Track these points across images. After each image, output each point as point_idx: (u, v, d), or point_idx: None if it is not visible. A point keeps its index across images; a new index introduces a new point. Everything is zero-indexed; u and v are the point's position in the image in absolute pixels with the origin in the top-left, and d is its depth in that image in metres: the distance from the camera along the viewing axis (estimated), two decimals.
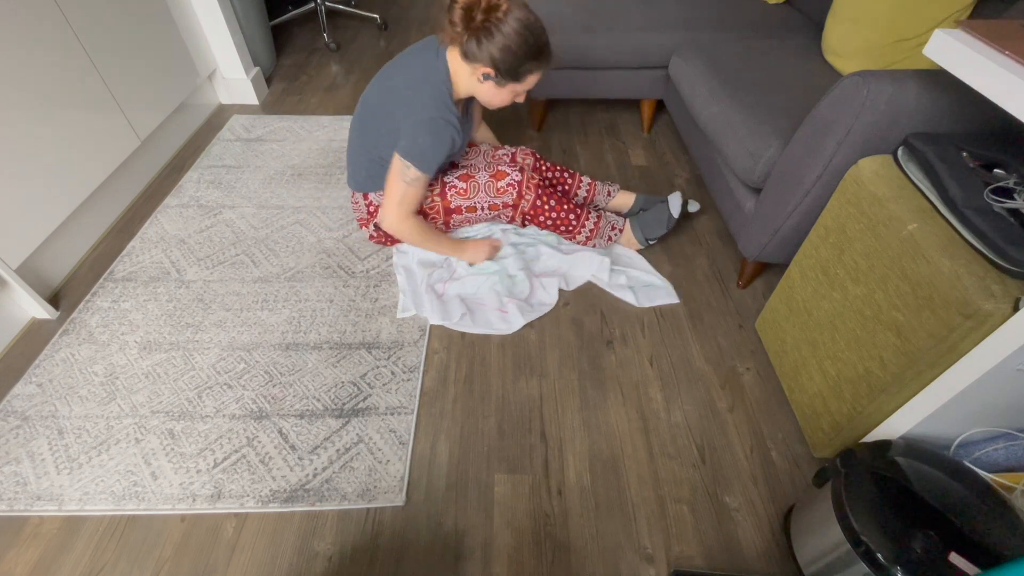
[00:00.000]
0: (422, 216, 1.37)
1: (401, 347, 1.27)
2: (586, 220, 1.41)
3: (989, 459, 0.88)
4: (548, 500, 1.03)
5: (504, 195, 1.35)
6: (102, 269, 1.45)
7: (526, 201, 1.36)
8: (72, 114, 1.38)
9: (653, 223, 1.44)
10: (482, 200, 1.35)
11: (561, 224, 1.40)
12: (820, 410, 1.05)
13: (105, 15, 1.49)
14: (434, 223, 1.40)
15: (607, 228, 1.44)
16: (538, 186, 1.36)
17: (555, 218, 1.39)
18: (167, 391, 1.17)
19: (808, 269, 1.08)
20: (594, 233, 1.42)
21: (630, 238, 1.47)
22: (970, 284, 0.74)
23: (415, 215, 1.30)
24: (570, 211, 1.39)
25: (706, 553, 0.97)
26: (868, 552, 0.73)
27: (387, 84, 1.23)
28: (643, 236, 1.45)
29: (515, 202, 1.36)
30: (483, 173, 1.35)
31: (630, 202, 1.58)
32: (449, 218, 1.39)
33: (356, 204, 1.43)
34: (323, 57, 2.51)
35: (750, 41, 1.63)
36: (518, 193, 1.35)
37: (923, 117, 0.96)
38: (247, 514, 1.00)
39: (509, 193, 1.35)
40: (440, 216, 1.38)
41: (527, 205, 1.36)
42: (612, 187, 1.59)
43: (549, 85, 1.87)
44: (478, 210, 1.38)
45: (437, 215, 1.38)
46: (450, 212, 1.37)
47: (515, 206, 1.36)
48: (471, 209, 1.37)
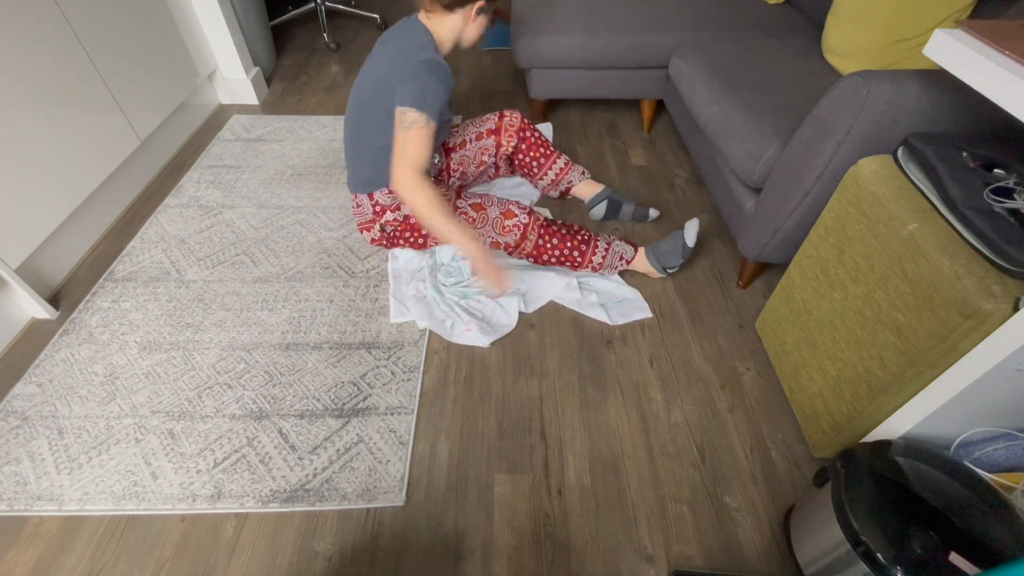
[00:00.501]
0: (417, 228, 1.38)
1: (401, 347, 1.27)
2: (593, 253, 1.37)
3: (989, 459, 0.88)
4: (548, 500, 1.03)
5: (508, 234, 1.34)
6: (102, 269, 1.45)
7: (529, 242, 1.35)
8: (72, 114, 1.38)
9: (668, 253, 1.40)
10: (487, 233, 1.35)
11: (566, 260, 1.38)
12: (820, 410, 1.05)
13: (105, 15, 1.49)
14: (432, 238, 1.41)
15: (615, 258, 1.39)
16: (542, 227, 1.35)
17: (559, 255, 1.37)
18: (167, 391, 1.17)
19: (808, 269, 1.08)
20: (601, 265, 1.39)
21: (647, 267, 1.42)
22: (970, 284, 0.74)
23: (427, 180, 1.18)
24: (575, 247, 1.36)
25: (706, 553, 0.97)
26: (868, 552, 0.73)
27: (375, 71, 1.24)
28: (660, 265, 1.41)
29: (517, 243, 1.35)
30: (495, 208, 1.35)
31: (594, 191, 1.60)
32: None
33: (359, 208, 1.38)
34: (323, 57, 2.51)
35: (750, 41, 1.63)
36: (522, 235, 1.34)
37: (923, 117, 0.96)
38: (247, 514, 1.00)
39: (513, 234, 1.34)
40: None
41: (530, 246, 1.35)
42: (585, 172, 1.62)
43: (549, 85, 1.87)
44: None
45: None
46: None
47: (517, 246, 1.36)
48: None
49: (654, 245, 1.42)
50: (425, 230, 1.39)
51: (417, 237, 1.41)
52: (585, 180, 1.61)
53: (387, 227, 1.38)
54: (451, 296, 1.36)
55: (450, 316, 1.32)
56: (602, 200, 1.58)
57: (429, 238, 1.42)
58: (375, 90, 1.23)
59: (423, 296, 1.36)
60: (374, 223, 1.39)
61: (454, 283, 1.37)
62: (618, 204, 1.58)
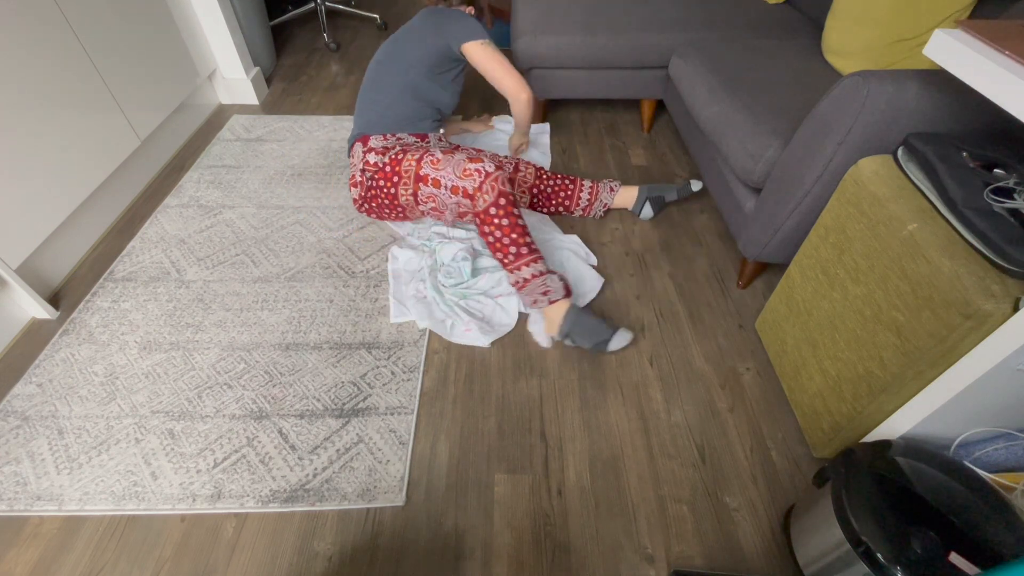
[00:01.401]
0: (396, 179, 1.36)
1: (401, 347, 1.27)
2: (526, 265, 1.25)
3: (989, 459, 0.88)
4: (548, 500, 1.03)
5: (467, 179, 1.26)
6: (102, 269, 1.45)
7: (482, 199, 1.25)
8: (72, 114, 1.38)
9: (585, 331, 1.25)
10: (448, 176, 1.29)
11: (500, 250, 1.27)
12: (820, 410, 1.05)
13: (105, 15, 1.49)
14: (404, 188, 1.36)
15: (539, 288, 1.25)
16: (503, 195, 1.25)
17: (499, 238, 1.26)
18: (167, 391, 1.17)
19: (808, 269, 1.08)
20: (524, 284, 1.26)
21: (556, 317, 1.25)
22: (970, 284, 0.74)
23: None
24: (520, 244, 1.25)
25: (706, 553, 0.97)
26: (868, 552, 0.73)
27: (403, 29, 1.46)
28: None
29: (473, 192, 1.26)
30: (462, 154, 1.32)
31: (633, 196, 1.59)
32: (417, 187, 1.34)
33: (352, 160, 1.45)
34: (323, 57, 2.51)
35: (750, 41, 1.63)
36: (478, 185, 1.25)
37: (923, 117, 0.96)
38: (247, 514, 1.00)
39: (472, 179, 1.26)
40: (411, 183, 1.34)
41: (482, 204, 1.26)
42: (613, 183, 1.60)
43: (549, 85, 1.87)
44: (442, 186, 1.30)
45: (409, 181, 1.34)
46: (419, 179, 1.33)
47: (472, 197, 1.27)
48: (436, 183, 1.31)
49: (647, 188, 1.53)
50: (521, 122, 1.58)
51: (386, 198, 1.40)
52: (618, 192, 1.59)
53: (367, 171, 1.38)
54: (451, 296, 1.36)
55: (450, 316, 1.32)
56: (643, 203, 1.58)
57: (397, 208, 1.42)
58: (404, 37, 1.42)
59: (423, 296, 1.36)
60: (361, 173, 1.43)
61: (454, 284, 1.37)
62: (660, 200, 1.58)
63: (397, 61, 1.42)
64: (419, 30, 1.43)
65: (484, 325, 1.31)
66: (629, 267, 1.49)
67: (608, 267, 1.49)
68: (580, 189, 1.57)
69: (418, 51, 1.40)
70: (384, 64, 1.45)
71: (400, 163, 1.35)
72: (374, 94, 1.45)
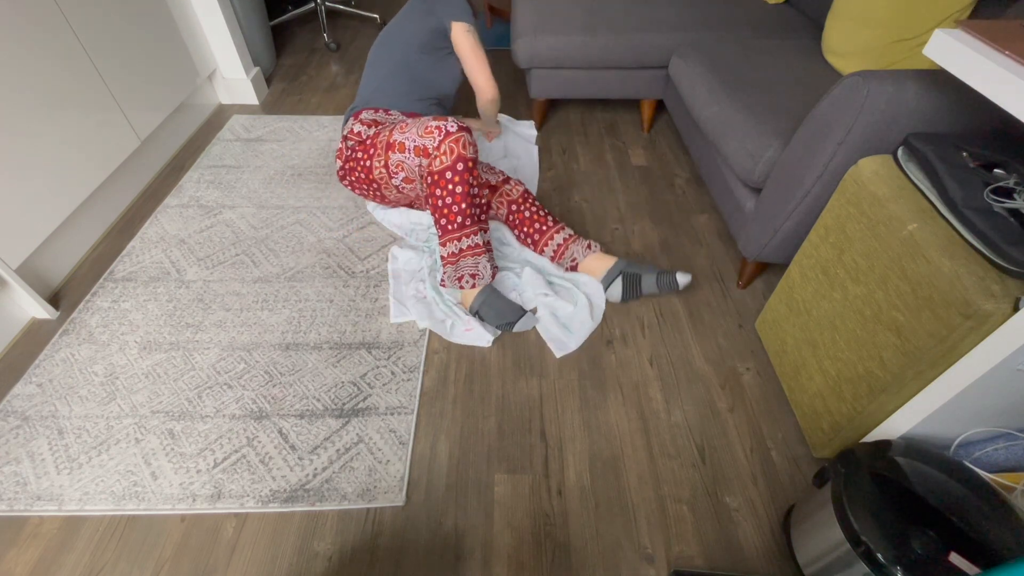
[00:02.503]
0: (372, 151, 1.34)
1: (401, 347, 1.27)
2: (467, 236, 1.22)
3: (989, 459, 0.88)
4: (548, 500, 1.03)
5: (427, 137, 1.20)
6: (102, 269, 1.45)
7: (440, 160, 1.18)
8: (72, 114, 1.38)
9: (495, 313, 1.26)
10: (411, 136, 1.24)
11: (443, 215, 1.21)
12: (820, 410, 1.05)
13: (105, 16, 1.49)
14: (378, 160, 1.32)
15: (469, 268, 1.23)
16: (461, 159, 1.18)
17: (448, 204, 1.20)
18: (167, 391, 1.17)
19: (808, 269, 1.08)
20: (454, 259, 1.23)
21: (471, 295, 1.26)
22: (970, 284, 0.74)
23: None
24: (465, 214, 1.20)
25: (706, 553, 0.97)
26: (868, 552, 0.73)
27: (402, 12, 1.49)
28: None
29: (432, 150, 1.20)
30: (430, 117, 1.29)
31: (606, 265, 1.36)
32: (388, 157, 1.30)
33: (343, 133, 1.45)
34: (323, 57, 2.51)
35: (750, 41, 1.63)
36: (436, 144, 1.19)
37: (923, 117, 0.96)
38: (247, 514, 1.00)
39: (432, 137, 1.20)
40: (383, 153, 1.31)
41: (438, 165, 1.19)
42: (593, 244, 1.40)
43: (549, 85, 1.87)
44: (407, 149, 1.25)
45: (381, 152, 1.31)
46: (389, 147, 1.29)
47: (430, 156, 1.20)
48: (401, 147, 1.26)
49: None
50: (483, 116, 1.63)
51: (362, 171, 1.38)
52: (593, 254, 1.38)
53: (349, 139, 1.39)
54: (450, 297, 1.36)
55: (450, 316, 1.32)
56: (614, 278, 1.34)
57: (372, 184, 1.39)
58: (399, 18, 1.46)
59: (423, 296, 1.36)
60: (344, 142, 1.43)
61: None
62: (636, 278, 1.33)
63: (391, 40, 1.46)
64: (411, 11, 1.47)
65: (484, 323, 1.31)
66: None
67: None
68: (555, 233, 1.42)
69: (409, 28, 1.44)
70: (380, 45, 1.50)
71: (378, 135, 1.33)
72: (371, 71, 1.49)
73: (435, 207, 1.23)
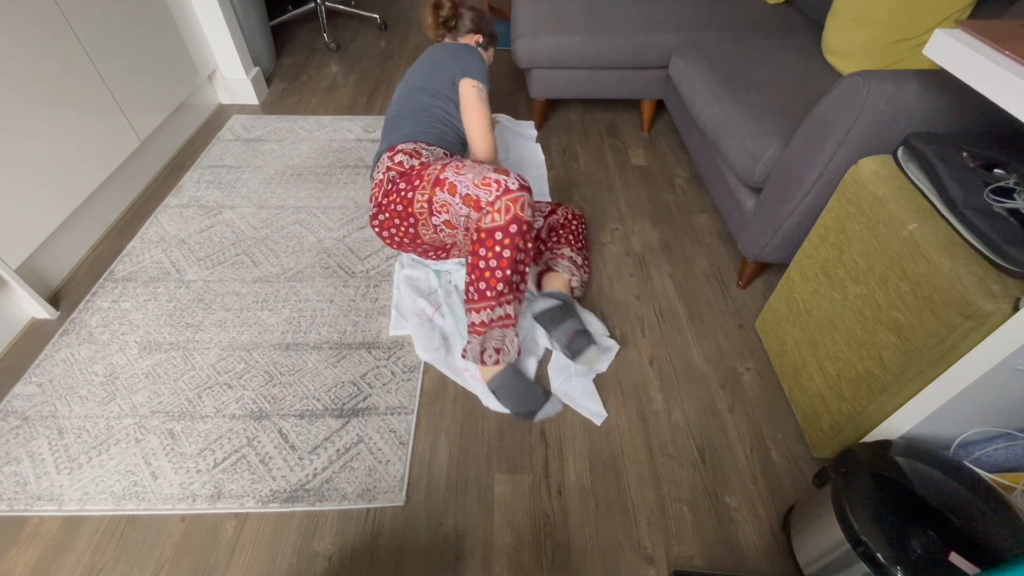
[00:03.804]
0: (417, 183, 1.20)
1: (401, 347, 1.27)
2: (499, 305, 1.11)
3: (989, 459, 0.88)
4: (548, 500, 1.03)
5: (483, 189, 1.08)
6: (102, 269, 1.45)
7: (493, 217, 1.07)
8: (72, 114, 1.38)
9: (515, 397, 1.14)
10: (466, 182, 1.11)
11: (483, 278, 1.10)
12: (820, 410, 1.05)
13: (105, 16, 1.49)
14: (421, 193, 1.18)
15: (496, 341, 1.13)
16: (517, 221, 1.07)
17: (489, 267, 1.09)
18: (167, 391, 1.17)
19: (808, 269, 1.08)
20: (483, 329, 1.12)
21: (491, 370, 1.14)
22: (970, 284, 0.74)
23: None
24: (507, 281, 1.09)
25: (706, 553, 0.97)
26: (868, 552, 0.73)
27: (433, 57, 1.45)
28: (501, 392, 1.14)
29: (485, 205, 1.09)
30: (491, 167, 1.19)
31: (558, 286, 1.28)
32: (434, 192, 1.16)
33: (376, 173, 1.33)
34: (323, 57, 2.51)
35: (750, 41, 1.63)
36: (492, 200, 1.07)
37: (923, 117, 0.96)
38: (247, 514, 1.00)
39: (489, 190, 1.08)
40: (428, 188, 1.17)
41: (489, 222, 1.08)
42: (575, 277, 1.31)
43: (549, 85, 1.87)
44: (457, 192, 1.12)
45: (427, 185, 1.18)
46: (437, 183, 1.16)
47: (481, 210, 1.09)
48: (452, 189, 1.13)
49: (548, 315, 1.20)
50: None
51: (400, 203, 1.21)
52: (563, 276, 1.30)
53: (392, 170, 1.27)
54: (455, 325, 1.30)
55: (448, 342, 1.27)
56: (554, 299, 1.24)
57: (409, 219, 1.22)
58: (425, 71, 1.43)
59: (427, 318, 1.30)
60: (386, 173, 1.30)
61: None
62: (565, 315, 1.20)
63: (422, 91, 1.40)
64: (438, 63, 1.42)
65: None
66: (629, 267, 1.49)
67: (608, 267, 1.49)
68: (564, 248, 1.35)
69: (440, 81, 1.40)
70: (410, 95, 1.41)
71: (426, 168, 1.21)
72: (401, 119, 1.38)
73: (475, 267, 1.10)
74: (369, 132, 1.98)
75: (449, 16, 1.52)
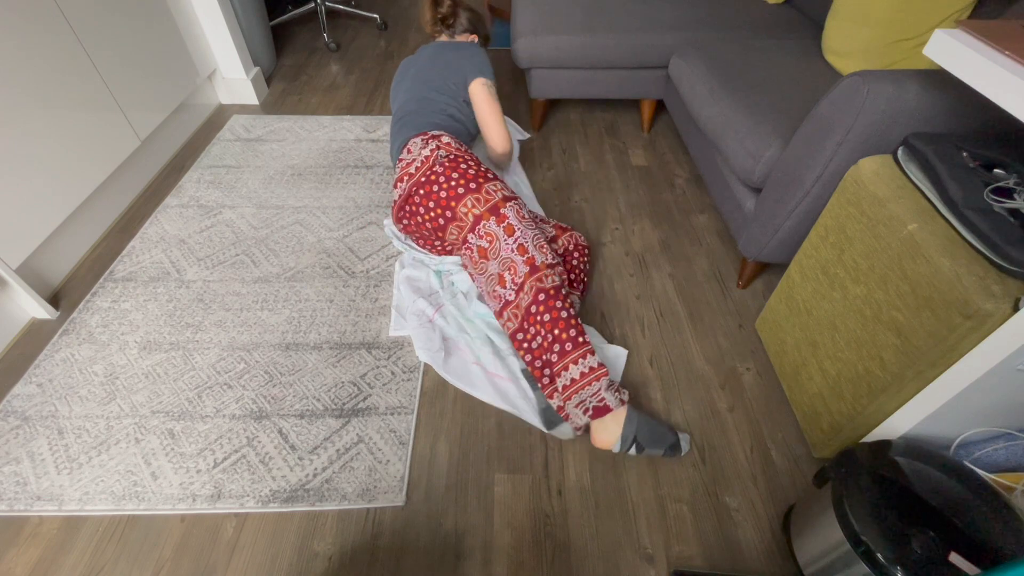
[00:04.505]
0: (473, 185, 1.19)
1: (401, 347, 1.27)
2: (574, 362, 1.04)
3: (989, 459, 0.88)
4: (548, 500, 1.03)
5: (539, 253, 1.12)
6: (102, 269, 1.45)
7: (507, 324, 1.12)
8: (72, 114, 1.38)
9: (652, 437, 1.03)
10: (527, 235, 1.14)
11: (538, 356, 1.07)
12: (820, 410, 1.05)
13: (105, 15, 1.49)
14: (476, 203, 1.18)
15: (591, 397, 1.02)
16: (541, 291, 1.07)
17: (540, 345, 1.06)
18: (167, 391, 1.17)
19: (808, 269, 1.08)
20: (567, 391, 1.03)
21: (610, 435, 1.02)
22: (970, 284, 0.74)
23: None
24: (563, 340, 1.04)
25: (706, 553, 0.97)
26: (868, 552, 0.73)
27: (442, 57, 1.47)
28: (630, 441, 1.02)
29: (499, 309, 1.13)
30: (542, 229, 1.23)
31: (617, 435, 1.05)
32: (487, 216, 1.16)
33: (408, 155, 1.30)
34: (323, 57, 2.51)
35: (750, 41, 1.63)
36: (498, 311, 1.13)
37: (923, 117, 0.96)
38: (247, 514, 1.00)
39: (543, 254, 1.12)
40: (482, 204, 1.17)
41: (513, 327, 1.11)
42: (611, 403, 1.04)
43: (549, 85, 1.87)
44: (514, 235, 1.14)
45: (482, 199, 1.17)
46: (494, 211, 1.16)
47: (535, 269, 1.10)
48: (509, 230, 1.14)
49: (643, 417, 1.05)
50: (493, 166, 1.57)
51: (444, 189, 1.21)
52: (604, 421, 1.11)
53: (441, 148, 1.26)
54: (481, 325, 1.29)
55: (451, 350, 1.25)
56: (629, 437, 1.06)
57: (445, 213, 1.21)
58: (429, 72, 1.44)
59: (427, 319, 1.29)
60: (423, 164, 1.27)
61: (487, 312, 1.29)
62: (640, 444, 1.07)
63: (439, 91, 1.41)
64: (452, 64, 1.44)
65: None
66: (629, 267, 1.49)
67: (608, 267, 1.49)
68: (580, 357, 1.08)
69: (455, 82, 1.42)
70: (425, 95, 1.41)
71: (480, 171, 1.21)
72: (422, 115, 1.37)
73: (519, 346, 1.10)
74: (369, 132, 1.98)
75: (448, 14, 1.55)
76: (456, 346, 1.27)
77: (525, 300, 1.09)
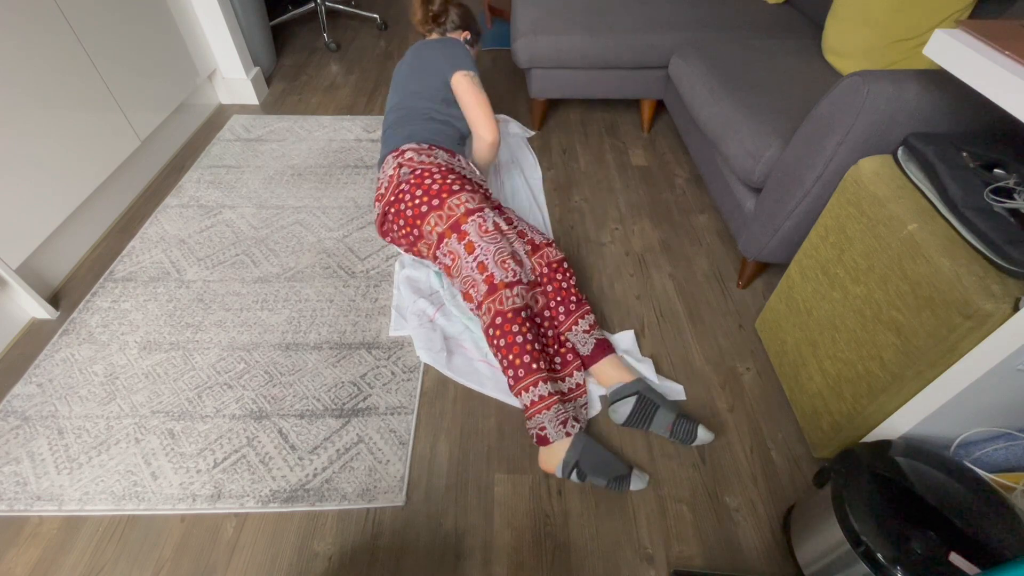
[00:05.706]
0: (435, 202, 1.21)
1: (401, 347, 1.27)
2: (524, 390, 1.05)
3: (989, 459, 0.88)
4: (548, 500, 1.03)
5: (500, 269, 1.13)
6: (102, 269, 1.45)
7: (483, 320, 1.13)
8: (72, 114, 1.38)
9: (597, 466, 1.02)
10: (488, 252, 1.14)
11: (504, 371, 1.10)
12: (820, 410, 1.05)
13: (105, 15, 1.49)
14: (439, 220, 1.20)
15: (535, 427, 1.04)
16: (499, 314, 1.09)
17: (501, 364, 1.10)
18: (167, 391, 1.17)
19: (808, 269, 1.08)
20: (534, 408, 1.04)
21: (554, 456, 1.03)
22: (970, 284, 0.74)
23: None
24: (517, 366, 1.07)
25: (706, 553, 0.97)
26: (868, 552, 0.73)
27: (425, 54, 1.45)
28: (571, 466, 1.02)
29: (479, 302, 1.13)
30: (511, 241, 1.20)
31: (622, 378, 1.13)
32: (449, 234, 1.19)
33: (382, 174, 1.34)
34: (323, 57, 2.51)
35: (750, 41, 1.63)
36: (476, 305, 1.14)
37: (923, 117, 0.96)
38: (247, 514, 1.00)
39: (505, 272, 1.13)
40: (445, 221, 1.19)
41: (486, 320, 1.12)
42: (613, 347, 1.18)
43: (549, 85, 1.87)
44: (474, 253, 1.15)
45: (444, 215, 1.19)
46: (455, 227, 1.18)
47: (493, 288, 1.12)
48: (470, 247, 1.15)
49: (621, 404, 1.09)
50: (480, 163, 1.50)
51: (408, 207, 1.24)
52: (608, 359, 1.17)
53: (404, 166, 1.28)
54: (469, 334, 1.29)
55: (453, 350, 1.26)
56: (627, 395, 1.10)
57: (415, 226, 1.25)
58: (415, 72, 1.44)
59: (428, 319, 1.30)
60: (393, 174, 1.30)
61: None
62: (652, 407, 1.09)
63: (417, 96, 1.42)
64: (428, 66, 1.42)
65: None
66: (629, 267, 1.49)
67: (608, 267, 1.49)
68: (579, 317, 1.21)
69: (433, 84, 1.41)
70: (405, 102, 1.43)
71: (446, 182, 1.22)
72: (400, 126, 1.39)
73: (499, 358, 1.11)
74: (369, 132, 1.98)
75: (439, 12, 1.53)
76: (460, 345, 1.27)
77: (485, 320, 1.12)
